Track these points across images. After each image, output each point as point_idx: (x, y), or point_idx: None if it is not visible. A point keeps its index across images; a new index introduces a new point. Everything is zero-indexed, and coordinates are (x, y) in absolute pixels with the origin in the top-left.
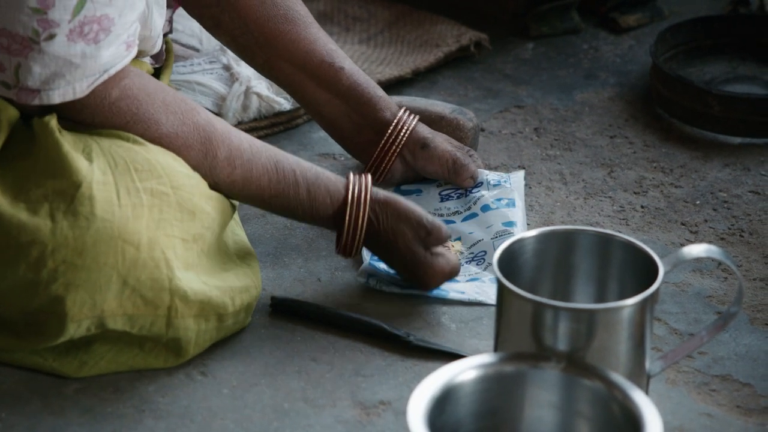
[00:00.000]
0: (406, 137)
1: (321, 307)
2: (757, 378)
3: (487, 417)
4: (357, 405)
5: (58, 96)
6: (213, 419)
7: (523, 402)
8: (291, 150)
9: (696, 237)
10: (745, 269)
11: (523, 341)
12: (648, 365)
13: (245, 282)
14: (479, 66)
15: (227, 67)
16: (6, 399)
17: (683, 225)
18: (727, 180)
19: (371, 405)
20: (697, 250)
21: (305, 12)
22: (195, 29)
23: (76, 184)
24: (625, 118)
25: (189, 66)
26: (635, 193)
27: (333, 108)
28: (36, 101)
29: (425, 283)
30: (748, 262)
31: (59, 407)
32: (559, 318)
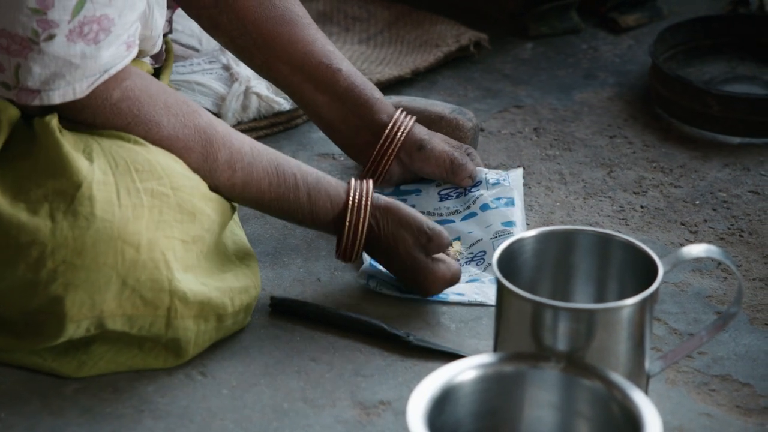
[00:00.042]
0: (402, 139)
1: (320, 307)
2: (757, 378)
3: (487, 417)
4: (357, 405)
5: (58, 96)
6: (212, 419)
7: (523, 402)
8: (290, 150)
9: (695, 237)
10: (745, 269)
11: (523, 341)
12: (647, 365)
13: (244, 282)
14: (479, 66)
15: (227, 67)
16: (5, 399)
17: (683, 225)
18: (727, 180)
19: (371, 405)
20: (697, 250)
21: (303, 13)
22: (194, 29)
23: (76, 184)
24: (625, 118)
25: (188, 66)
26: (635, 193)
27: (330, 110)
28: (36, 102)
29: (426, 289)
30: (747, 262)
31: (58, 407)
32: (559, 318)
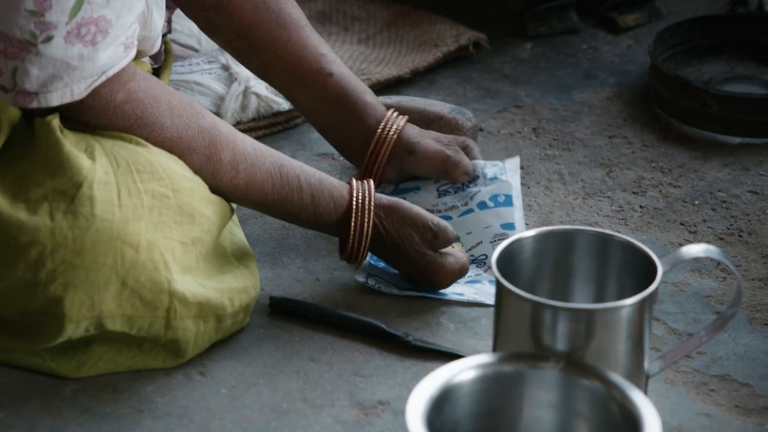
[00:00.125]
0: (393, 143)
1: (319, 308)
2: (756, 378)
3: (486, 417)
4: (356, 405)
5: (56, 98)
6: (211, 419)
7: (522, 402)
8: (289, 150)
9: (695, 237)
10: (744, 269)
11: (522, 341)
12: (647, 365)
13: (243, 283)
14: (478, 66)
15: (226, 67)
16: (4, 399)
17: (682, 225)
18: (726, 180)
19: (370, 405)
20: (696, 249)
21: (298, 15)
22: (194, 29)
23: (76, 184)
24: (624, 118)
25: (187, 66)
26: (634, 193)
27: (324, 115)
28: (34, 104)
29: (437, 284)
30: (746, 261)
31: (57, 408)
32: (558, 318)
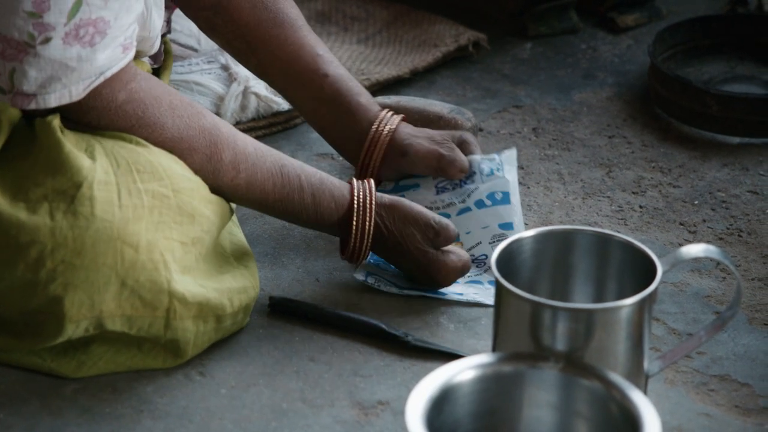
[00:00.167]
0: (385, 145)
1: (319, 308)
2: (756, 378)
3: (486, 417)
4: (355, 405)
5: (54, 99)
6: (211, 419)
7: (522, 402)
8: (289, 150)
9: (694, 237)
10: (744, 269)
11: (522, 341)
12: (646, 365)
13: (243, 283)
14: (477, 66)
15: (225, 67)
16: (4, 399)
17: (682, 225)
18: (726, 180)
19: (369, 405)
20: (696, 249)
21: (296, 14)
22: (193, 29)
23: (76, 183)
24: (624, 117)
25: (187, 66)
26: (633, 193)
27: (320, 115)
28: (32, 105)
29: (439, 282)
30: (746, 261)
31: (57, 408)
32: (558, 318)
